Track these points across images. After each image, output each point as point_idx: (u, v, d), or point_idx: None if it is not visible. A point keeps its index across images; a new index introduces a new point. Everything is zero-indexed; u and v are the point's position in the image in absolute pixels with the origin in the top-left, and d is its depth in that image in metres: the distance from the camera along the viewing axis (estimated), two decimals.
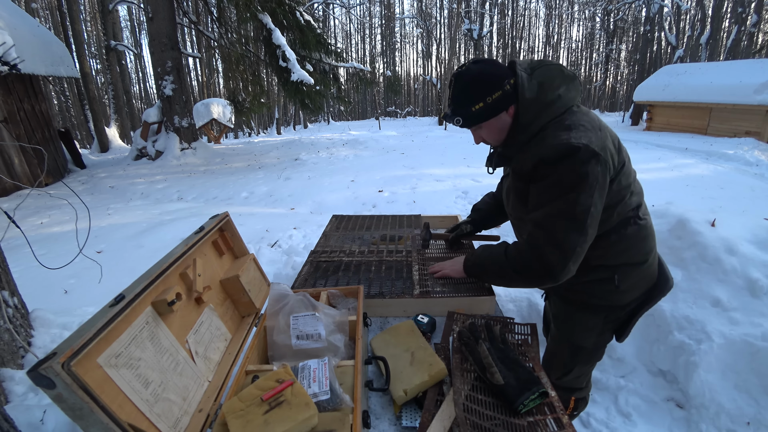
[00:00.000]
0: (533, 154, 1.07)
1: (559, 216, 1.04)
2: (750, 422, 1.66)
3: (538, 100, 1.08)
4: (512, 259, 1.15)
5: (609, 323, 1.28)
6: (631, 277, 1.20)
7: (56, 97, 23.31)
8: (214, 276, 1.11)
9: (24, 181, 6.46)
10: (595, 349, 1.35)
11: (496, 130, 1.15)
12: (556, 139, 1.04)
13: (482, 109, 1.09)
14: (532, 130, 1.10)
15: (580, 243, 1.04)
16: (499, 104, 1.09)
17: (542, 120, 1.09)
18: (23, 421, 1.28)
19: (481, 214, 1.65)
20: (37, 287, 2.43)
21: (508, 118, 1.13)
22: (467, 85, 1.10)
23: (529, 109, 1.08)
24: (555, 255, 1.05)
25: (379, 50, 35.38)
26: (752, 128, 10.18)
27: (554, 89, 1.08)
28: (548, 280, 1.08)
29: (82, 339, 0.62)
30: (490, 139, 1.19)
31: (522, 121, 1.10)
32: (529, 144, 1.11)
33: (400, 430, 0.89)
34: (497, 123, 1.13)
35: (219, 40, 8.52)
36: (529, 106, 1.08)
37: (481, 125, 1.15)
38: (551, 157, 1.03)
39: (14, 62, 5.70)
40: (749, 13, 16.62)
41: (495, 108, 1.09)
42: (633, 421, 1.84)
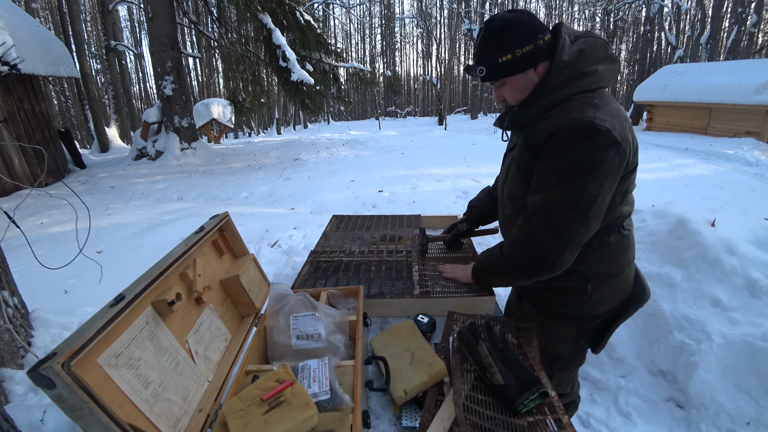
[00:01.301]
0: (550, 123, 0.98)
1: (563, 203, 0.96)
2: (750, 422, 1.66)
3: (574, 66, 0.99)
4: (506, 254, 1.10)
5: (582, 333, 1.22)
6: (604, 288, 1.14)
7: (56, 97, 23.31)
8: (214, 276, 1.11)
9: (24, 181, 6.46)
10: (572, 357, 1.27)
11: (520, 88, 1.04)
12: (580, 113, 0.94)
13: (509, 62, 0.99)
14: (557, 97, 1.00)
15: (580, 234, 0.97)
16: (528, 59, 0.99)
17: (572, 89, 1.00)
18: (23, 421, 1.28)
19: (476, 212, 1.61)
20: (37, 287, 2.43)
21: (535, 77, 1.03)
22: (497, 31, 0.99)
23: (562, 72, 0.99)
24: (551, 244, 0.98)
25: (379, 50, 35.39)
26: (752, 128, 10.19)
27: (594, 62, 1.00)
28: (545, 271, 1.02)
29: (82, 339, 0.62)
30: (511, 98, 1.07)
31: (550, 84, 1.00)
32: (550, 112, 1.01)
33: (400, 430, 0.89)
34: (523, 80, 1.03)
35: (219, 40, 8.52)
36: (562, 69, 0.99)
37: (505, 80, 1.04)
38: (569, 132, 0.94)
39: (14, 62, 5.70)
40: (749, 13, 16.62)
41: (524, 62, 0.99)
42: (633, 421, 1.84)
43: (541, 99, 1.02)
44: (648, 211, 2.78)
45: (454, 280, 1.39)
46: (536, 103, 1.03)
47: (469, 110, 29.25)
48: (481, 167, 6.43)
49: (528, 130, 1.07)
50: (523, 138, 1.08)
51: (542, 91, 1.01)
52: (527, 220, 1.04)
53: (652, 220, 2.67)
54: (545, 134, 0.98)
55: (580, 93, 1.00)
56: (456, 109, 32.45)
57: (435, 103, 30.95)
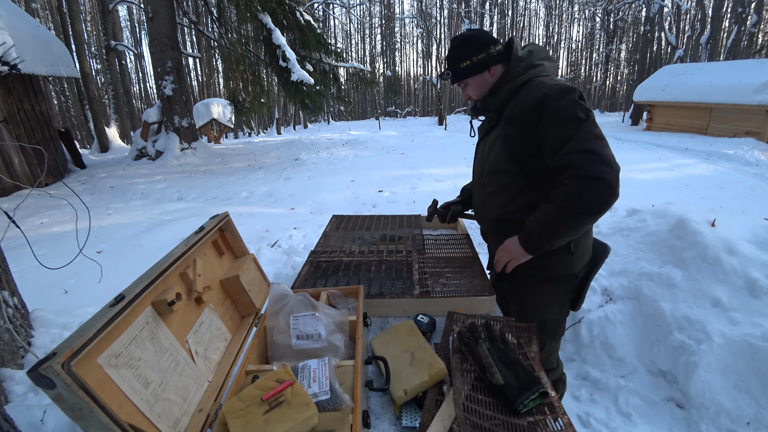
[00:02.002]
0: (531, 97, 1.19)
1: (592, 137, 1.11)
2: (750, 422, 1.66)
3: (527, 60, 1.29)
4: (572, 205, 1.13)
5: (567, 293, 1.38)
6: (581, 245, 1.32)
7: (56, 97, 23.31)
8: (214, 276, 1.11)
9: (24, 181, 6.46)
10: (559, 321, 1.42)
11: (479, 86, 1.34)
12: (551, 81, 1.21)
13: (468, 67, 1.31)
14: (517, 82, 1.28)
15: (613, 155, 1.12)
16: (482, 64, 1.30)
17: (527, 76, 1.28)
18: (23, 421, 1.28)
19: (469, 194, 1.73)
20: (37, 287, 2.43)
21: (489, 77, 1.32)
22: (458, 45, 1.33)
23: (519, 64, 1.29)
24: (609, 171, 1.08)
25: (379, 50, 35.38)
26: (752, 128, 10.19)
27: (540, 58, 1.31)
28: (612, 199, 1.11)
29: (82, 339, 0.62)
30: (474, 94, 1.36)
31: (511, 73, 1.28)
32: (518, 92, 1.27)
33: (400, 430, 0.89)
34: (480, 80, 1.33)
35: (219, 40, 8.52)
36: (519, 62, 1.29)
37: (467, 81, 1.34)
38: (557, 93, 1.14)
39: (14, 62, 5.70)
40: (749, 13, 16.62)
41: (479, 66, 1.30)
42: (633, 421, 1.84)
43: (506, 85, 1.29)
44: (648, 211, 2.78)
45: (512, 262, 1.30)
46: (501, 89, 1.30)
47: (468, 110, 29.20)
48: None
49: (507, 112, 1.29)
50: (504, 118, 1.29)
51: (505, 80, 1.29)
52: (577, 167, 1.10)
53: (652, 220, 2.67)
54: (531, 104, 1.19)
55: (536, 76, 1.27)
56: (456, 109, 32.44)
57: (435, 103, 30.95)
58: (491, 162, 1.35)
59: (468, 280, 1.42)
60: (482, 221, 1.52)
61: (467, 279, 1.42)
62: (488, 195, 1.39)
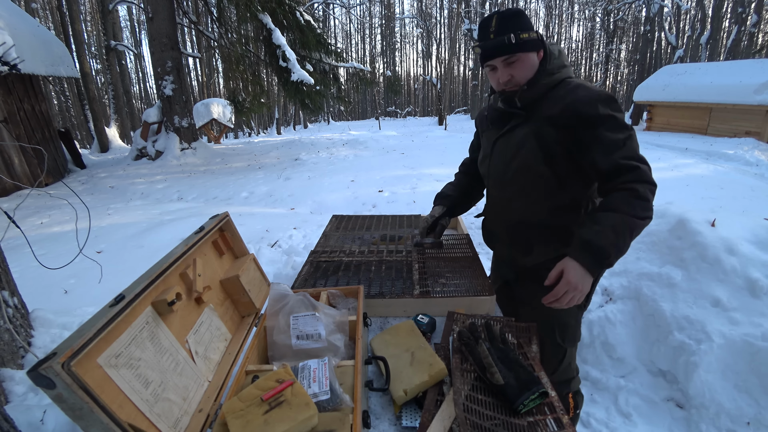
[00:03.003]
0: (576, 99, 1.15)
1: (638, 148, 1.15)
2: (750, 422, 1.66)
3: (560, 58, 1.25)
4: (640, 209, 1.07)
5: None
6: None
7: (56, 97, 23.30)
8: (214, 276, 1.11)
9: (24, 181, 6.46)
10: (577, 324, 1.39)
11: (529, 66, 1.21)
12: (592, 86, 1.19)
13: (529, 39, 1.17)
14: (554, 79, 1.22)
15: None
16: (537, 42, 1.19)
17: (560, 75, 1.23)
18: (23, 421, 1.28)
19: (452, 200, 1.62)
20: (37, 287, 2.43)
21: (536, 60, 1.22)
22: (518, 13, 1.19)
23: (554, 61, 1.23)
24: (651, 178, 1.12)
25: (379, 50, 35.38)
26: (752, 128, 10.18)
27: (566, 59, 1.28)
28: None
29: (82, 339, 0.62)
30: (520, 74, 1.21)
31: (548, 68, 1.22)
32: (554, 90, 1.22)
33: (400, 430, 0.89)
34: (531, 60, 1.20)
35: (219, 40, 8.52)
36: (554, 60, 1.23)
37: (519, 56, 1.18)
38: (604, 100, 1.13)
39: (14, 62, 5.70)
40: (749, 13, 16.62)
41: (535, 43, 1.19)
42: (633, 421, 1.84)
43: (543, 79, 1.22)
44: None
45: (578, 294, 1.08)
46: (538, 83, 1.21)
47: (469, 110, 29.26)
48: None
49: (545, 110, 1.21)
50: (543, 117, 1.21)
51: (543, 73, 1.22)
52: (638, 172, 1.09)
53: (652, 220, 2.66)
54: (577, 105, 1.15)
55: (568, 78, 1.24)
56: (456, 109, 32.44)
57: (435, 103, 30.94)
58: (521, 162, 1.26)
59: (468, 280, 1.42)
60: (497, 224, 1.44)
61: (467, 279, 1.42)
62: (512, 195, 1.32)
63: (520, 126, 1.27)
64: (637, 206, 1.06)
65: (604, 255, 1.05)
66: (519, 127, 1.27)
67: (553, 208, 1.26)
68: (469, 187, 1.66)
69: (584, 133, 1.15)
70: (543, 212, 1.28)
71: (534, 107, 1.24)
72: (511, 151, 1.29)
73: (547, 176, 1.23)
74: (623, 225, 1.06)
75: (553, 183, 1.23)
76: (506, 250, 1.46)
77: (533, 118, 1.24)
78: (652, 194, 1.09)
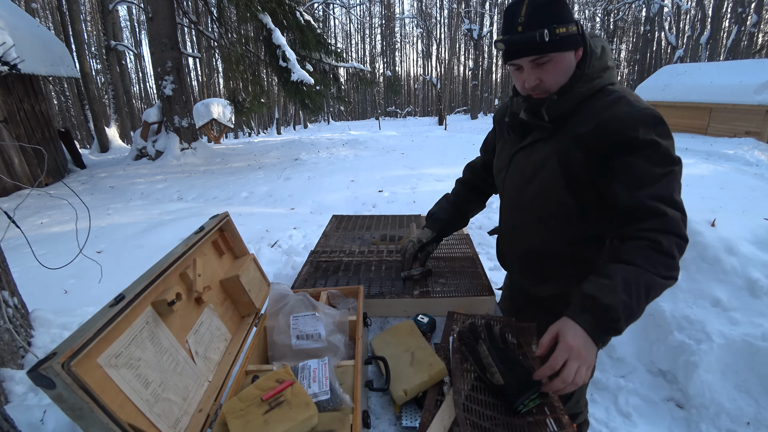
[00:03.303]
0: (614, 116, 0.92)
1: (679, 190, 0.92)
2: (750, 422, 1.66)
3: (602, 59, 1.00)
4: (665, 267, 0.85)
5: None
6: None
7: (56, 97, 23.32)
8: (214, 276, 1.11)
9: (24, 181, 6.46)
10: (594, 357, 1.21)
11: (564, 69, 0.96)
12: (636, 100, 0.95)
13: (566, 35, 0.92)
14: (591, 87, 0.98)
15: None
16: (575, 39, 0.94)
17: (601, 81, 0.99)
18: (23, 421, 1.28)
19: (442, 224, 1.43)
20: (37, 287, 2.43)
21: (573, 61, 0.97)
22: (553, 1, 0.92)
23: (595, 64, 0.98)
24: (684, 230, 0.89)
25: (379, 50, 35.39)
26: (752, 128, 10.19)
27: (610, 59, 1.02)
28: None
29: (82, 339, 0.62)
30: (552, 79, 0.97)
31: (587, 72, 0.97)
32: (590, 101, 0.98)
33: (400, 430, 0.89)
34: (566, 61, 0.96)
35: (219, 40, 8.52)
36: (595, 61, 0.98)
37: (552, 56, 0.94)
38: (648, 119, 0.91)
39: (14, 62, 5.70)
40: (749, 13, 16.63)
41: (573, 40, 0.94)
42: (633, 421, 1.84)
43: (579, 86, 0.97)
44: None
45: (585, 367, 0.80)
46: (572, 91, 0.97)
47: (469, 110, 29.26)
48: None
49: (574, 127, 0.98)
50: (571, 136, 0.98)
51: (580, 79, 0.97)
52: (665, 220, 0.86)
53: None
54: (614, 126, 0.92)
55: (609, 85, 1.00)
56: (456, 109, 32.46)
57: (435, 103, 30.96)
58: (540, 186, 1.06)
59: (468, 280, 1.42)
60: (508, 248, 1.27)
61: (467, 279, 1.42)
62: (527, 221, 1.15)
63: (544, 142, 1.05)
64: (659, 263, 0.84)
65: (613, 317, 0.80)
66: (542, 142, 1.06)
67: (574, 239, 1.08)
68: (467, 202, 1.46)
69: (616, 159, 0.92)
70: (561, 243, 1.10)
71: (563, 121, 1.01)
72: (529, 171, 1.09)
73: (569, 206, 1.03)
74: (639, 283, 0.82)
75: (575, 213, 1.04)
76: (518, 277, 1.30)
77: (560, 135, 1.01)
78: (680, 251, 0.87)
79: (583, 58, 0.97)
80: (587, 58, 0.97)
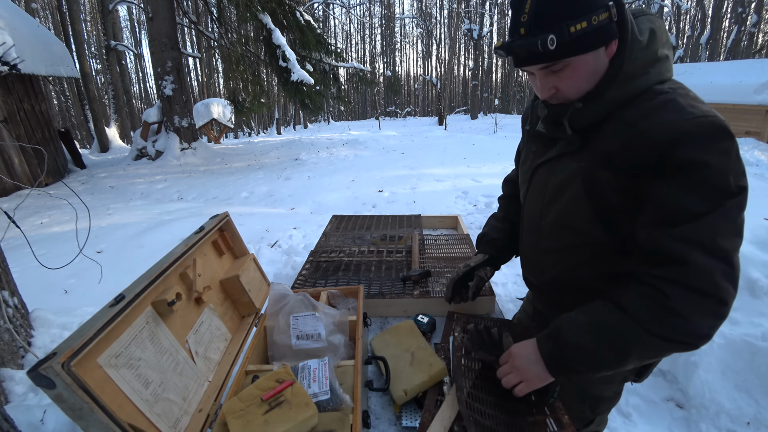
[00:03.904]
0: (654, 129, 0.70)
1: (733, 233, 0.68)
2: (750, 422, 1.66)
3: (649, 49, 0.75)
4: (653, 322, 0.68)
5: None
6: None
7: (56, 97, 23.33)
8: (214, 276, 1.11)
9: (24, 181, 6.46)
10: (615, 396, 1.05)
11: (587, 74, 0.75)
12: (690, 103, 0.70)
13: (584, 33, 0.69)
14: (632, 89, 0.75)
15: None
16: (603, 33, 0.71)
17: (648, 79, 0.75)
18: (23, 421, 1.28)
19: (496, 244, 1.16)
20: (37, 287, 2.43)
21: (605, 59, 0.75)
22: None
23: (638, 56, 0.74)
24: (730, 293, 0.67)
25: (379, 50, 35.40)
26: (752, 128, 10.19)
27: (664, 45, 0.77)
28: (713, 332, 0.68)
29: (82, 339, 0.62)
30: (571, 88, 0.77)
31: (626, 70, 0.74)
32: (628, 108, 0.75)
33: (400, 430, 0.89)
34: (592, 62, 0.74)
35: (219, 40, 8.52)
36: (638, 52, 0.74)
37: (568, 62, 0.73)
38: (701, 133, 0.67)
39: (14, 62, 5.70)
40: (749, 13, 16.63)
41: (598, 36, 0.71)
42: (633, 421, 1.84)
43: (613, 90, 0.75)
44: None
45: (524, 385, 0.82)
46: (605, 95, 0.76)
47: (469, 110, 29.27)
48: (481, 167, 6.43)
49: (605, 143, 0.77)
50: (600, 153, 0.78)
51: (615, 78, 0.75)
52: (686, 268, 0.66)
53: None
54: (653, 142, 0.70)
55: (657, 85, 0.76)
56: (456, 109, 32.45)
57: (435, 103, 30.96)
58: (562, 212, 0.87)
59: None
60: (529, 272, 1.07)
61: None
62: (548, 249, 0.95)
63: (570, 156, 0.84)
64: (657, 318, 0.67)
65: (568, 357, 0.75)
66: (568, 157, 0.85)
67: (609, 275, 0.86)
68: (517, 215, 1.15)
69: (642, 184, 0.72)
70: (593, 278, 0.89)
71: (592, 132, 0.80)
72: (550, 191, 0.90)
73: (600, 239, 0.82)
74: (614, 331, 0.71)
75: (608, 248, 0.83)
76: (543, 306, 1.12)
77: (587, 151, 0.80)
78: (703, 313, 0.66)
79: (619, 51, 0.74)
80: (626, 51, 0.74)
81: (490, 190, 5.00)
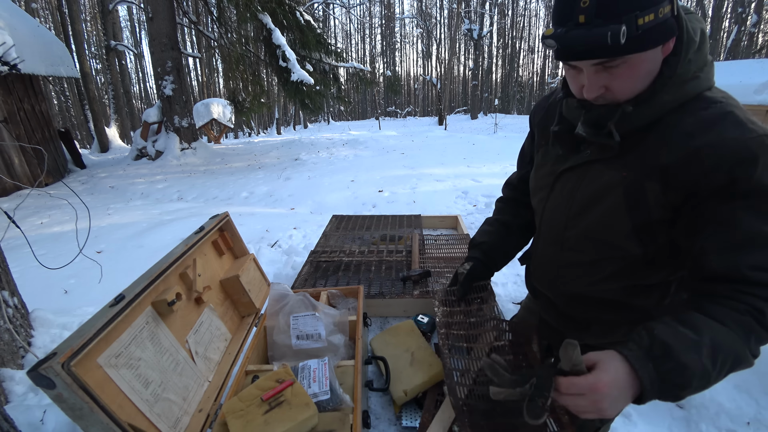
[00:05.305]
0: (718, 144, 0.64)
1: None
2: (750, 422, 1.66)
3: (701, 51, 0.70)
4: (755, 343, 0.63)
5: None
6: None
7: (56, 97, 23.33)
8: (214, 276, 1.11)
9: (24, 181, 6.46)
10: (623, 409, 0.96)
11: (644, 73, 0.67)
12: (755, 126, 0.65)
13: (651, 25, 0.61)
14: (684, 94, 0.69)
15: None
16: (666, 27, 0.64)
17: (700, 84, 0.69)
18: (23, 421, 1.28)
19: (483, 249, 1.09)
20: (37, 287, 2.43)
21: (660, 58, 0.68)
22: None
23: (692, 59, 0.68)
24: None
25: (379, 50, 35.41)
26: None
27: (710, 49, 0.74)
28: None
29: (82, 339, 0.62)
30: (624, 88, 0.69)
31: (680, 72, 0.68)
32: (679, 116, 0.69)
33: (400, 430, 0.89)
34: (648, 62, 0.66)
35: (219, 40, 8.51)
36: (692, 54, 0.68)
37: (629, 59, 0.65)
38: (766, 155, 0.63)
39: (14, 62, 5.70)
40: (749, 13, 16.64)
41: (662, 30, 0.64)
42: (633, 421, 1.84)
43: (665, 93, 0.69)
44: None
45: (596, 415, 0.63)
46: (655, 98, 0.69)
47: (469, 110, 29.28)
48: (481, 167, 6.43)
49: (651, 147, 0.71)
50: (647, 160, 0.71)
51: (671, 80, 0.68)
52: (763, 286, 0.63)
53: None
54: (717, 159, 0.64)
55: (708, 91, 0.71)
56: (456, 109, 32.45)
57: (435, 103, 30.97)
58: (596, 223, 0.79)
59: None
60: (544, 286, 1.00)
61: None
62: (573, 263, 0.88)
63: (605, 164, 0.76)
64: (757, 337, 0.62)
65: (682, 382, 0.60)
66: (603, 164, 0.77)
67: (632, 287, 0.83)
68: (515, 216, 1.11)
69: (710, 205, 0.66)
70: (614, 291, 0.85)
71: (637, 138, 0.73)
72: (580, 201, 0.81)
73: (632, 251, 0.77)
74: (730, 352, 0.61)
75: (636, 259, 0.78)
76: (553, 319, 1.04)
77: (630, 158, 0.73)
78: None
79: (675, 51, 0.68)
80: (682, 52, 0.67)
81: (490, 190, 5.00)
